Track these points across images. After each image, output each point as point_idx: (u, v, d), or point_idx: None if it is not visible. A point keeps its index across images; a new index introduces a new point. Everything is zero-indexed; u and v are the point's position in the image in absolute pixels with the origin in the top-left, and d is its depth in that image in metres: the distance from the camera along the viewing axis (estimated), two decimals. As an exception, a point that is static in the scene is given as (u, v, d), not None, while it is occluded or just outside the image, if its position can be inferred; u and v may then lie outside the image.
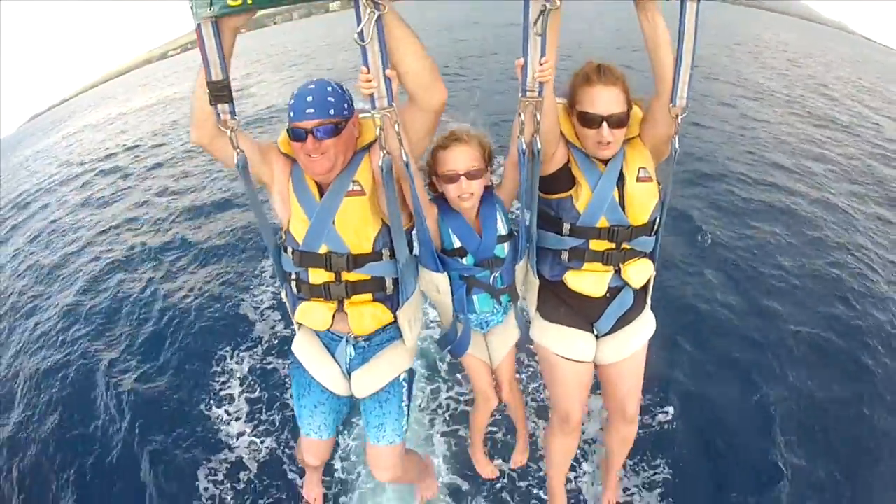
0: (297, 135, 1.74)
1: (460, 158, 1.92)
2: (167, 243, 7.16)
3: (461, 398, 3.85)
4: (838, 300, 4.96)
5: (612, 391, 2.23)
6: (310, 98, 1.73)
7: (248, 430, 3.88)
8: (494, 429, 3.49)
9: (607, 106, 1.81)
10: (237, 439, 3.81)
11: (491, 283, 2.08)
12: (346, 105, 1.77)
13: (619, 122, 1.83)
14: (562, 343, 2.11)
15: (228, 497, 3.44)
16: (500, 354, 2.29)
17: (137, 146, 14.07)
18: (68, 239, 8.25)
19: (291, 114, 1.75)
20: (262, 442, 3.77)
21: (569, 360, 2.11)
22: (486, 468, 2.69)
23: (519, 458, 2.70)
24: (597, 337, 2.13)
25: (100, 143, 16.19)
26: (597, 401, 3.34)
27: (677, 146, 1.85)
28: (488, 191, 2.03)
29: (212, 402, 4.16)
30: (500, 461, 3.08)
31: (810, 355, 4.28)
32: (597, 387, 2.37)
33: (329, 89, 1.76)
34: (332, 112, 1.72)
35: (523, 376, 3.91)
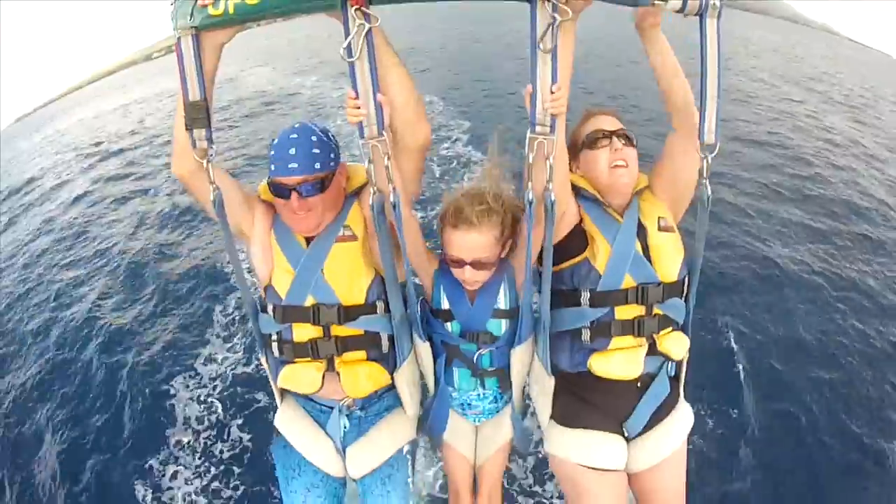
0: (279, 192, 1.59)
1: (467, 246, 1.67)
2: (171, 210, 8.16)
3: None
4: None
5: (652, 500, 1.85)
6: (293, 151, 1.57)
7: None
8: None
9: (612, 124, 1.74)
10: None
11: (474, 360, 1.81)
12: (332, 155, 1.63)
13: (628, 138, 1.73)
14: (587, 451, 1.75)
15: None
16: (485, 453, 1.97)
17: (136, 133, 14.90)
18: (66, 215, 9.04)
19: (272, 167, 1.58)
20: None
21: (598, 470, 1.73)
22: None
23: None
24: (627, 440, 1.79)
25: (95, 133, 16.82)
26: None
27: (710, 192, 1.58)
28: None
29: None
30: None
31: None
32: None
33: (314, 139, 1.60)
34: (317, 167, 1.58)
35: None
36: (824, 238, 6.68)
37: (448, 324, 1.79)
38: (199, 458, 3.74)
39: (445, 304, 1.79)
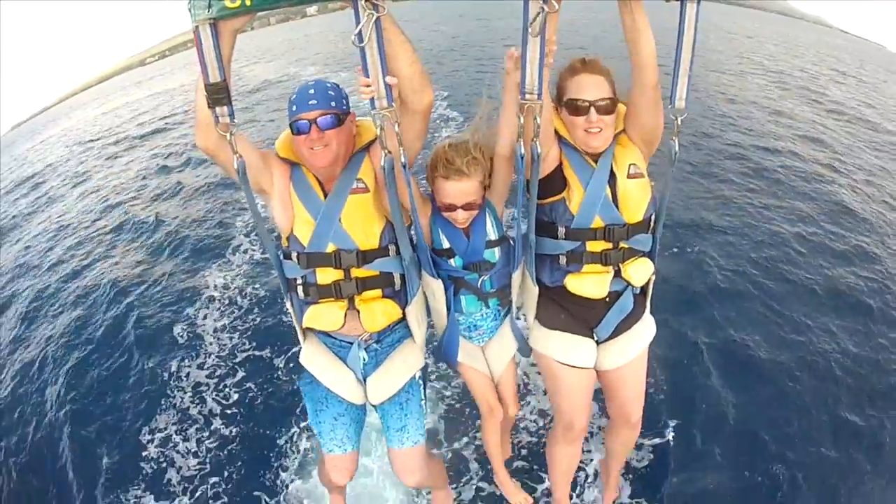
0: (300, 127, 1.75)
1: (460, 193, 1.89)
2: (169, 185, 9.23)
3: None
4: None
5: (616, 396, 2.21)
6: (311, 91, 1.77)
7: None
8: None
9: (593, 92, 1.83)
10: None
11: (478, 286, 2.06)
12: (344, 101, 1.82)
13: (606, 108, 1.83)
14: (563, 350, 2.07)
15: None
16: (498, 367, 2.24)
17: (145, 124, 15.95)
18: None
19: (294, 107, 1.77)
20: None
21: (570, 366, 2.07)
22: (517, 495, 2.56)
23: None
24: (597, 343, 2.10)
25: (102, 128, 17.74)
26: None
27: (677, 148, 1.82)
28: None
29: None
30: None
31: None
32: (597, 392, 2.29)
33: (328, 85, 1.81)
34: (333, 104, 1.77)
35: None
36: (762, 173, 7.73)
37: (451, 260, 2.01)
38: (227, 305, 5.19)
39: (446, 244, 1.99)
